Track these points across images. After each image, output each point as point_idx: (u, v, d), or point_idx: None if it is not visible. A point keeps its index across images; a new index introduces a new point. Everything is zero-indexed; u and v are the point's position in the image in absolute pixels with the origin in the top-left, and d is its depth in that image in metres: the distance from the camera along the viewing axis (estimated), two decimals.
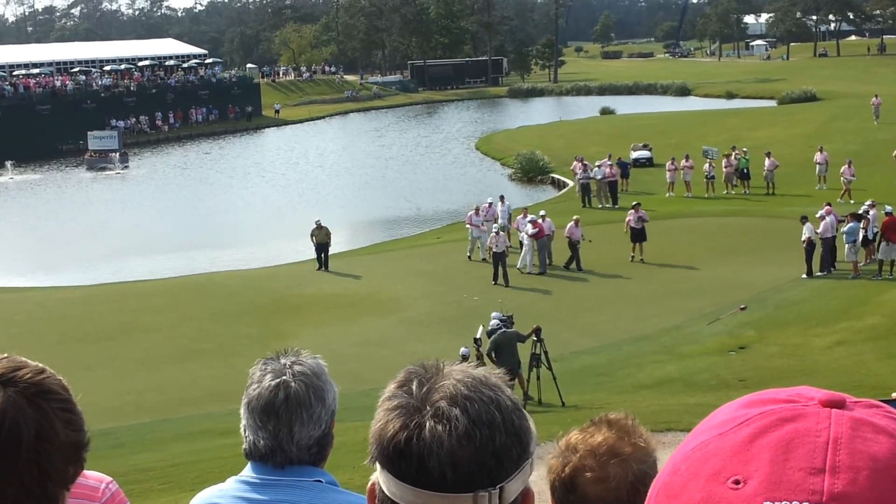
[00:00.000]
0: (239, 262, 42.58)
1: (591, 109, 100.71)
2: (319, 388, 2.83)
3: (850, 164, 43.10)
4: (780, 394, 1.29)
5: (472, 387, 1.68)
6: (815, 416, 1.23)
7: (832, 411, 1.23)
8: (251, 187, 67.09)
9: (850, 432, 1.20)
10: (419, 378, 1.71)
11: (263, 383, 2.84)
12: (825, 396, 1.26)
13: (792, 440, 1.21)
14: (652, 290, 31.92)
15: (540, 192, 57.17)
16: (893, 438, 1.22)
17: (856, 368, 23.00)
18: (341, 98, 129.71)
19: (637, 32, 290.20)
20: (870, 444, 1.20)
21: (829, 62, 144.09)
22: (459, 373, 1.72)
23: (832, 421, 1.22)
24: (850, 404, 1.25)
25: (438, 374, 1.71)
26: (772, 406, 1.26)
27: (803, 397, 1.27)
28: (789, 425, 1.22)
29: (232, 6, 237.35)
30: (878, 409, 1.26)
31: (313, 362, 2.92)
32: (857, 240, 31.06)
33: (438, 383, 1.69)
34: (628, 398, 21.51)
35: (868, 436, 1.21)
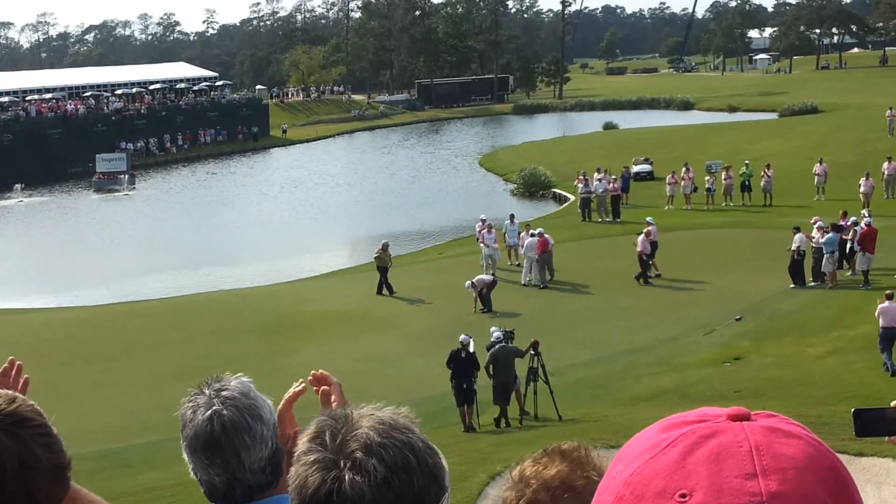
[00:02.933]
0: (242, 281, 42.96)
1: (594, 124, 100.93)
2: (252, 408, 2.76)
3: (868, 177, 43.07)
4: (689, 415, 1.44)
5: (383, 433, 1.73)
6: (731, 430, 1.38)
7: (743, 424, 1.39)
8: (256, 206, 67.46)
9: (767, 439, 1.36)
10: (331, 429, 1.74)
11: (196, 420, 2.77)
12: (731, 412, 1.41)
13: (720, 453, 1.35)
14: (648, 302, 32.18)
15: (541, 207, 57.47)
16: (803, 440, 1.39)
17: (848, 378, 23.23)
18: (348, 117, 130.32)
19: (642, 48, 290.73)
20: (786, 448, 1.36)
21: (831, 75, 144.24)
22: (369, 419, 1.75)
23: (747, 432, 1.37)
24: (754, 416, 1.41)
25: (349, 423, 1.75)
26: (689, 427, 1.40)
27: (711, 416, 1.42)
28: (712, 440, 1.36)
29: (244, 29, 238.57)
30: (777, 417, 1.42)
31: (237, 384, 2.82)
32: (835, 251, 31.48)
33: (351, 433, 1.72)
34: (625, 411, 21.75)
35: (782, 440, 1.37)
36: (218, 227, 60.70)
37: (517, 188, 63.76)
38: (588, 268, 36.01)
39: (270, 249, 51.83)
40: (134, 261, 50.12)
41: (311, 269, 45.14)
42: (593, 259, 37.03)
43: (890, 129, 64.75)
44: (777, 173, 48.53)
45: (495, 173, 73.90)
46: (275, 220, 61.57)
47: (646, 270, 34.20)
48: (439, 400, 23.88)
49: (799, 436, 1.39)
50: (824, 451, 1.40)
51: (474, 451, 18.50)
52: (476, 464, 16.91)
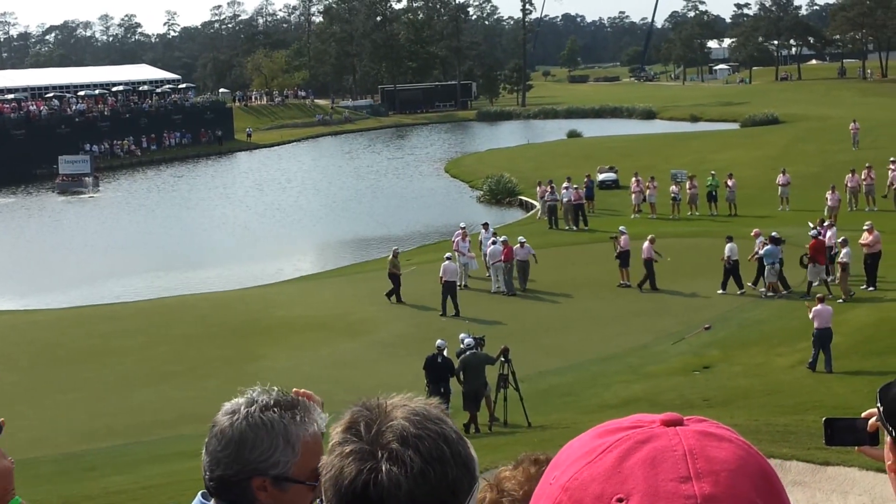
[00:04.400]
0: (210, 285, 42.74)
1: (558, 132, 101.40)
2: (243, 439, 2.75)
3: (833, 190, 43.26)
4: (623, 422, 1.47)
5: (418, 424, 1.74)
6: (665, 435, 1.42)
7: (676, 429, 1.43)
8: (223, 210, 67.24)
9: (700, 443, 1.41)
10: (366, 420, 1.75)
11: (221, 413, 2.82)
12: (665, 417, 1.46)
13: (655, 457, 1.39)
14: (618, 310, 32.35)
15: (508, 214, 57.64)
16: (733, 443, 1.44)
17: (816, 387, 23.45)
18: (312, 122, 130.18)
19: (603, 57, 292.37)
20: (719, 451, 1.41)
21: (790, 86, 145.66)
22: (403, 409, 1.76)
23: (681, 436, 1.42)
24: (686, 421, 1.46)
25: (383, 414, 1.75)
26: (624, 433, 1.44)
27: (645, 422, 1.46)
28: (647, 445, 1.40)
29: (205, 32, 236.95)
30: (708, 422, 1.47)
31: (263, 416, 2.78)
32: (776, 262, 32.04)
33: (386, 424, 1.73)
34: (594, 418, 21.80)
35: (714, 444, 1.42)
36: (184, 230, 60.40)
37: (483, 195, 63.90)
38: (557, 276, 36.13)
39: (238, 253, 51.66)
40: (101, 264, 49.77)
41: (279, 273, 45.01)
42: (562, 267, 37.17)
43: (854, 141, 65.19)
44: (741, 183, 48.93)
45: (461, 180, 74.03)
46: (242, 223, 61.36)
47: (652, 277, 34.19)
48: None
49: (730, 439, 1.43)
50: (754, 454, 1.44)
51: None
52: None
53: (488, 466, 17.18)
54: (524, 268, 35.50)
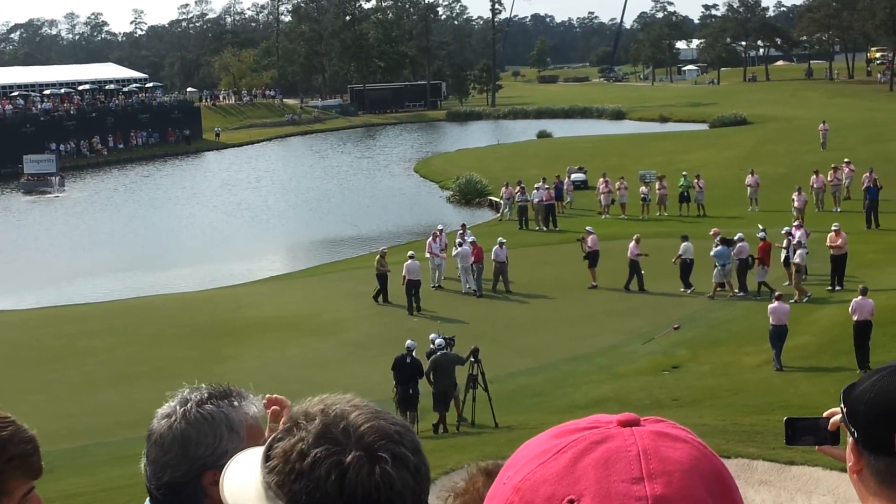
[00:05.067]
0: (178, 285, 42.49)
1: (528, 132, 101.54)
2: (186, 437, 2.72)
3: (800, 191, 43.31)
4: (580, 423, 1.48)
5: (388, 419, 1.71)
6: (620, 436, 1.43)
7: (632, 429, 1.44)
8: (190, 210, 66.89)
9: (654, 444, 1.42)
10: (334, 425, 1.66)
11: (159, 413, 2.82)
12: (621, 418, 1.47)
13: (608, 458, 1.40)
14: (588, 311, 32.38)
15: (478, 215, 57.59)
16: (688, 444, 1.45)
17: (784, 387, 23.56)
18: (282, 121, 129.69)
19: (572, 57, 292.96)
20: (673, 451, 1.42)
21: (758, 87, 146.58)
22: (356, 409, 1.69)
23: (636, 437, 1.42)
24: (643, 422, 1.47)
25: (343, 417, 1.68)
26: (580, 433, 1.45)
27: (602, 422, 1.47)
28: (602, 446, 1.41)
29: (172, 31, 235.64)
30: (665, 422, 1.48)
31: (202, 410, 2.74)
32: (726, 263, 32.35)
33: (357, 425, 1.66)
34: (562, 418, 21.03)
35: (669, 444, 1.43)
36: (152, 230, 60.02)
37: (453, 195, 63.84)
38: (528, 276, 36.13)
39: (206, 253, 51.40)
40: (67, 264, 49.39)
41: (248, 273, 44.78)
42: (533, 267, 37.16)
43: (823, 142, 65.42)
44: (709, 184, 49.12)
45: (431, 180, 73.96)
46: (210, 223, 61.06)
47: (640, 277, 34.11)
48: (380, 405, 23.74)
49: (685, 440, 1.44)
50: (709, 454, 1.45)
51: None
52: None
53: (454, 467, 17.16)
54: (503, 269, 35.31)
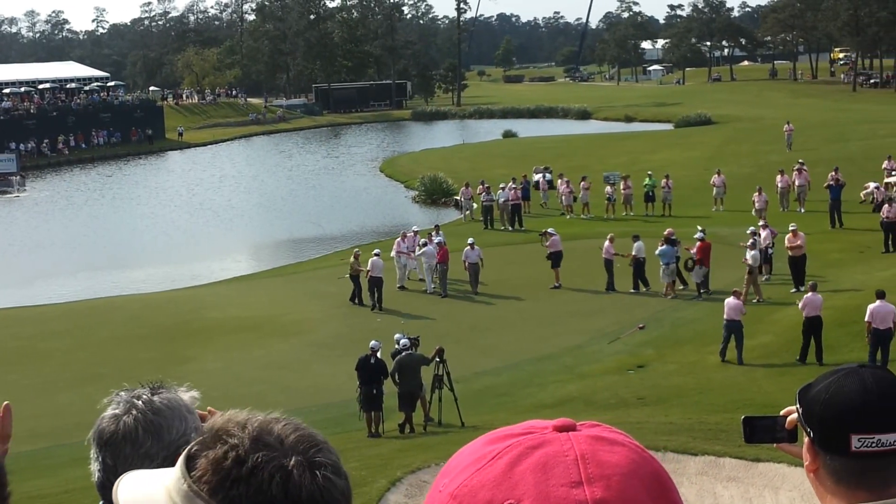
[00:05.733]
0: (140, 286, 42.13)
1: (493, 132, 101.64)
2: (153, 424, 2.68)
3: (760, 192, 43.32)
4: (516, 428, 1.46)
5: (301, 428, 1.64)
6: (557, 440, 1.42)
7: (569, 434, 1.43)
8: (153, 210, 66.40)
9: (592, 448, 1.41)
10: (266, 432, 1.61)
11: (106, 413, 2.77)
12: (557, 423, 1.45)
13: (546, 463, 1.39)
14: (553, 311, 32.34)
15: (443, 214, 57.46)
16: (626, 447, 1.44)
17: (748, 386, 23.62)
18: (245, 121, 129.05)
19: (538, 57, 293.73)
20: (610, 455, 1.41)
21: (722, 87, 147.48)
22: (279, 423, 1.63)
23: (573, 441, 1.42)
24: (580, 426, 1.46)
25: (270, 425, 1.62)
26: (515, 439, 1.43)
27: (537, 428, 1.45)
28: (539, 451, 1.40)
29: (135, 29, 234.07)
30: (602, 427, 1.47)
31: (162, 398, 2.73)
32: (671, 262, 32.58)
33: (287, 433, 1.61)
34: (529, 418, 21.44)
35: (607, 448, 1.42)
36: (114, 230, 59.59)
37: (419, 195, 63.71)
38: (493, 276, 36.03)
39: (169, 254, 51.01)
40: (28, 264, 48.98)
41: (211, 274, 44.48)
42: (498, 267, 37.05)
43: (788, 143, 65.72)
44: (675, 184, 49.22)
45: (396, 180, 73.81)
46: (172, 223, 60.66)
47: (611, 278, 34.01)
48: (343, 406, 23.73)
49: (623, 443, 1.43)
50: (647, 457, 1.44)
51: (376, 457, 18.37)
52: (377, 469, 16.80)
53: (420, 466, 17.08)
54: (475, 270, 35.10)
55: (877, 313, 23.27)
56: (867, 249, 36.49)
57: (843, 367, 2.22)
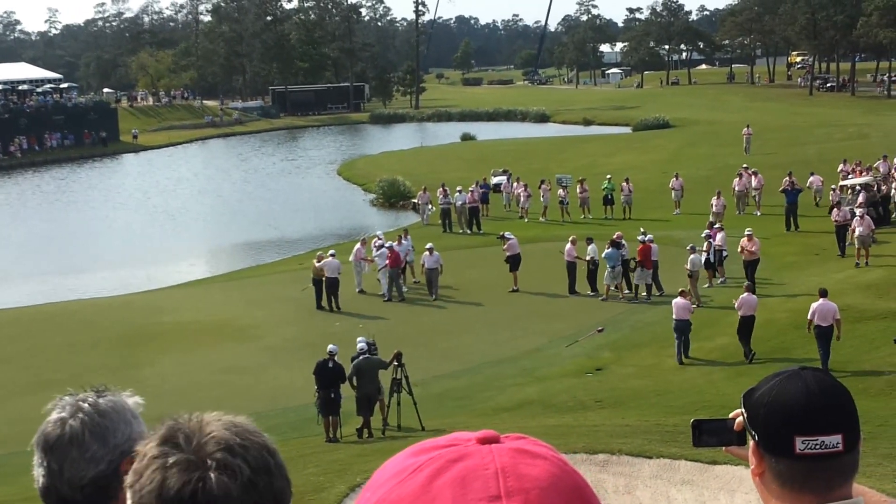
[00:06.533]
0: (94, 291, 41.69)
1: (452, 135, 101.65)
2: (100, 427, 2.68)
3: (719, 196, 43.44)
4: (440, 441, 1.46)
5: (241, 435, 1.66)
6: (478, 453, 1.41)
7: (491, 447, 1.42)
8: (107, 214, 65.83)
9: (513, 461, 1.40)
10: (184, 432, 1.65)
11: (49, 418, 2.74)
12: (480, 435, 1.45)
13: (465, 476, 1.38)
14: (512, 314, 32.33)
15: (401, 218, 57.39)
16: (548, 460, 1.43)
17: (706, 388, 23.70)
18: (201, 123, 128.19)
19: (497, 60, 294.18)
20: (531, 468, 1.40)
21: (681, 90, 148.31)
22: (219, 423, 1.67)
23: (494, 455, 1.41)
24: (503, 439, 1.45)
25: (201, 426, 1.66)
26: (437, 451, 1.43)
27: (461, 440, 1.45)
28: (459, 464, 1.40)
29: (88, 30, 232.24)
30: (526, 439, 1.47)
31: (107, 401, 2.74)
32: (616, 265, 32.80)
33: (206, 435, 1.64)
34: (487, 421, 21.71)
35: (528, 461, 1.41)
36: (67, 234, 59.00)
37: (377, 198, 63.57)
38: (452, 279, 36.00)
39: (124, 258, 50.47)
40: None
41: (167, 278, 44.07)
42: (457, 270, 37.01)
43: (747, 147, 66.15)
44: (634, 187, 49.37)
45: (354, 183, 73.61)
46: (127, 227, 60.13)
47: (572, 280, 34.05)
48: (301, 411, 23.60)
49: (545, 457, 1.44)
50: (569, 471, 1.44)
51: (334, 462, 18.28)
52: (336, 475, 16.71)
53: None
54: (433, 276, 34.91)
55: (819, 311, 24.07)
56: (822, 252, 36.79)
57: (785, 371, 2.23)
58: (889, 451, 17.49)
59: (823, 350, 23.93)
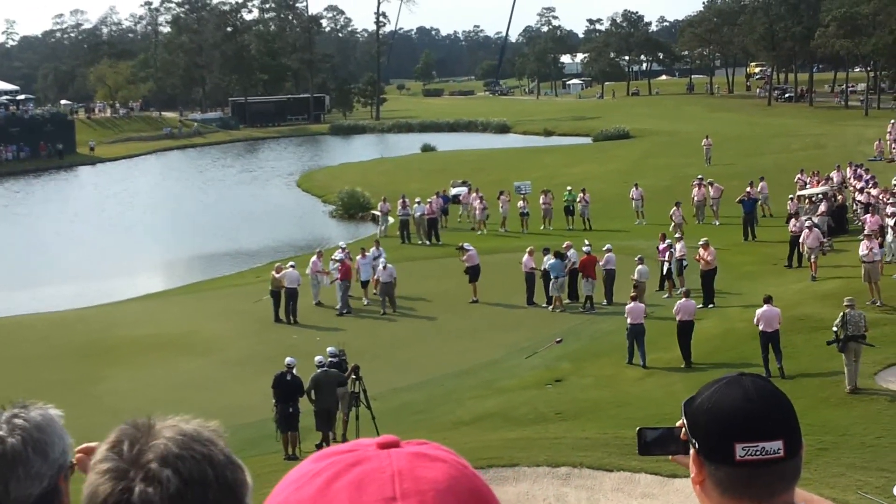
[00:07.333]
0: (49, 304, 41.16)
1: (412, 146, 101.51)
2: (40, 442, 2.65)
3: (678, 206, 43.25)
4: (342, 447, 1.49)
5: (183, 444, 1.64)
6: (377, 457, 1.45)
7: (391, 451, 1.46)
8: (62, 227, 65.11)
9: (410, 464, 1.44)
10: (130, 438, 1.66)
11: None
12: (381, 440, 1.49)
13: (362, 480, 1.42)
14: (471, 325, 32.22)
15: (361, 229, 57.18)
16: (447, 463, 1.46)
17: (665, 400, 23.57)
18: (160, 135, 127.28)
19: (458, 70, 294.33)
20: (429, 471, 1.43)
21: (641, 101, 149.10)
22: (171, 429, 1.67)
23: (392, 458, 1.44)
24: (404, 444, 1.49)
25: (150, 433, 1.66)
26: (337, 457, 1.46)
27: (361, 445, 1.48)
28: (357, 468, 1.43)
29: (46, 41, 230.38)
30: (427, 444, 1.50)
31: (38, 414, 2.71)
32: (559, 276, 32.91)
33: (150, 443, 1.64)
34: (448, 436, 21.51)
35: (426, 464, 1.44)
36: (23, 247, 58.30)
37: (336, 209, 63.33)
38: (410, 290, 35.85)
39: (80, 271, 49.91)
40: None
41: (123, 291, 43.59)
42: (416, 281, 36.87)
43: (707, 157, 66.43)
44: (594, 197, 49.44)
45: (313, 194, 73.33)
46: (83, 240, 59.52)
47: (530, 291, 34.00)
48: (259, 427, 23.29)
49: (444, 460, 1.47)
50: (469, 474, 1.48)
51: None
52: None
53: None
54: (387, 290, 34.51)
55: (763, 317, 24.48)
56: (780, 262, 36.92)
57: (724, 377, 2.22)
58: (851, 461, 17.50)
59: (766, 355, 24.34)
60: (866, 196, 42.89)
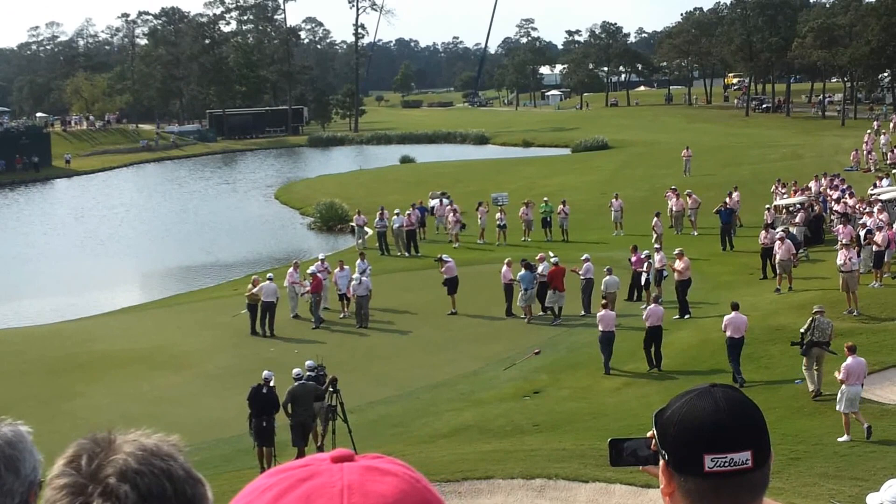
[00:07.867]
0: (23, 318, 40.92)
1: (391, 158, 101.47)
2: (12, 459, 2.62)
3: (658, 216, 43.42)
4: (296, 462, 1.51)
5: (142, 459, 1.62)
6: (328, 472, 1.46)
7: (343, 465, 1.47)
8: (37, 240, 64.68)
9: (361, 478, 1.44)
10: (89, 453, 1.63)
11: None
12: (334, 454, 1.50)
13: (311, 494, 1.42)
14: (448, 337, 32.14)
15: (340, 241, 57.05)
16: (398, 477, 1.47)
17: (642, 411, 23.54)
18: (136, 148, 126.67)
19: (437, 82, 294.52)
20: (379, 485, 1.44)
21: (619, 111, 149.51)
22: (131, 444, 1.65)
23: (344, 473, 1.45)
24: (358, 458, 1.50)
25: (109, 448, 1.64)
26: (290, 472, 1.47)
27: (315, 460, 1.49)
28: (307, 483, 1.44)
29: (21, 54, 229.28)
30: (381, 458, 1.51)
31: (8, 430, 2.68)
32: (529, 287, 33.04)
33: (109, 458, 1.62)
34: (424, 449, 21.44)
35: (377, 478, 1.45)
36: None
37: (315, 222, 63.18)
38: (388, 302, 35.76)
39: (54, 285, 49.56)
40: None
41: (99, 305, 43.34)
42: (394, 293, 36.79)
43: (686, 168, 66.59)
44: (572, 208, 49.38)
45: (291, 206, 73.10)
46: (58, 253, 59.10)
47: (509, 302, 34.02)
48: (235, 442, 23.16)
49: (395, 474, 1.47)
50: (420, 488, 1.48)
51: None
52: None
53: None
54: (361, 304, 34.34)
55: (732, 324, 24.83)
56: (756, 272, 37.00)
57: (695, 388, 2.22)
58: (825, 470, 17.51)
59: (735, 362, 24.68)
60: (843, 206, 43.08)
